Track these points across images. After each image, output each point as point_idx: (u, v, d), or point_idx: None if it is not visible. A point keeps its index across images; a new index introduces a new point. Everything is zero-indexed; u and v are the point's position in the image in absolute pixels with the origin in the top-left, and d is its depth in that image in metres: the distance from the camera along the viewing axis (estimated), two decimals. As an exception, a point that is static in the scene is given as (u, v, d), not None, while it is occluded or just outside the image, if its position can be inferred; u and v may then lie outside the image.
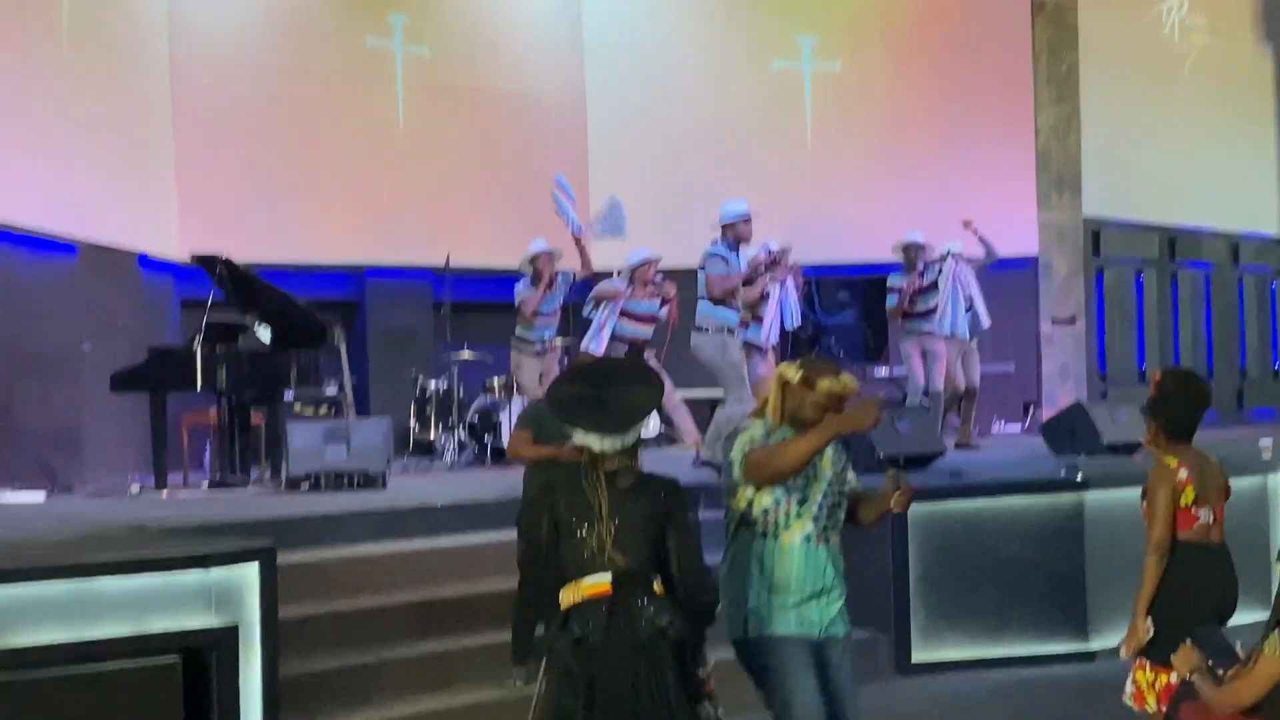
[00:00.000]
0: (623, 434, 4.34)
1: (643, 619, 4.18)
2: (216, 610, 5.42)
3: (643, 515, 4.29)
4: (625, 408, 4.37)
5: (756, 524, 4.58)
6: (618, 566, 4.24)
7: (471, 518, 8.08)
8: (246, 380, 9.91)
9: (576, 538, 4.29)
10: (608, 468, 4.33)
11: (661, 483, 4.44)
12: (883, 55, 15.34)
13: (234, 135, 13.07)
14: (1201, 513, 5.25)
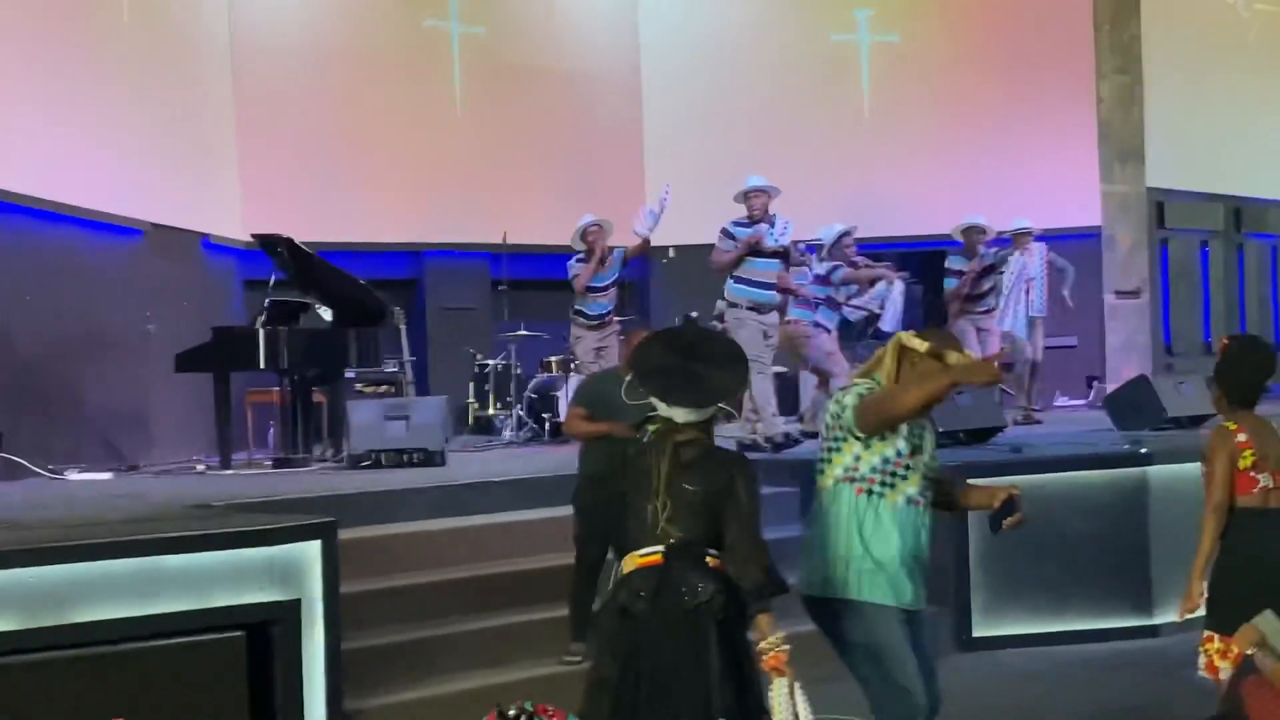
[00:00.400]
0: (704, 410, 4.34)
1: (688, 591, 4.16)
2: (280, 586, 5.48)
3: (703, 490, 4.25)
4: (712, 386, 4.34)
5: (862, 481, 4.46)
6: (671, 539, 4.23)
7: (529, 494, 8.11)
8: (308, 359, 10.00)
9: (638, 508, 4.30)
10: (679, 439, 4.32)
11: (727, 458, 4.40)
12: (941, 26, 15.21)
13: (294, 118, 13.18)
14: (1261, 477, 5.21)
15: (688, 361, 4.36)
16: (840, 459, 4.49)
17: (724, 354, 4.51)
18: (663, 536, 4.24)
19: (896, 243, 14.84)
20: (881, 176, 14.81)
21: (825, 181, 14.80)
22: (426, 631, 6.71)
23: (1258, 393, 5.36)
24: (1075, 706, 6.86)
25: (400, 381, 11.84)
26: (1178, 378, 10.93)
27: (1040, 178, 14.46)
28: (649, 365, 4.46)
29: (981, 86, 15.10)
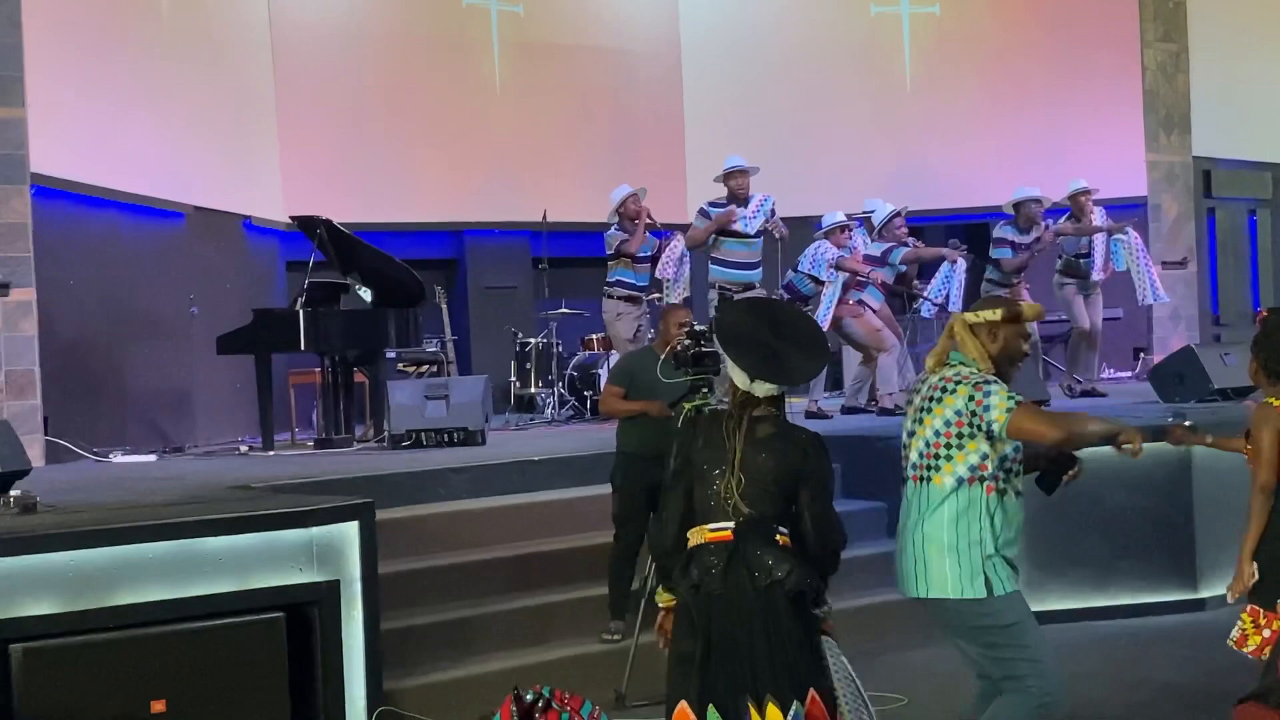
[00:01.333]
0: (784, 387, 4.36)
1: (760, 569, 4.14)
2: (319, 566, 5.53)
3: (776, 467, 4.23)
4: (795, 366, 4.36)
5: (991, 479, 4.40)
6: (742, 515, 4.21)
7: (569, 473, 8.13)
8: (349, 340, 10.04)
9: (708, 481, 4.28)
10: (755, 413, 4.30)
11: (802, 435, 4.35)
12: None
13: (333, 99, 13.22)
14: None
15: (776, 339, 4.33)
16: (962, 457, 4.38)
17: (810, 336, 4.49)
18: (734, 512, 4.22)
19: (940, 215, 14.73)
20: (924, 149, 14.71)
21: (868, 155, 14.71)
22: (465, 611, 6.74)
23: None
24: (1121, 681, 6.82)
25: (441, 361, 11.89)
26: (1224, 349, 10.80)
27: (1085, 147, 14.31)
28: (736, 331, 4.40)
29: (1023, 56, 14.96)
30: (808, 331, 4.49)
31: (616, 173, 13.33)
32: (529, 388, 12.56)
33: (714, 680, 4.13)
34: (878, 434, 9.02)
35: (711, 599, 4.16)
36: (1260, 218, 16.53)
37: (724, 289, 10.02)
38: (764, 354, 4.30)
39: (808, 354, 4.41)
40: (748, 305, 4.76)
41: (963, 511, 4.38)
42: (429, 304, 11.04)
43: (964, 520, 4.38)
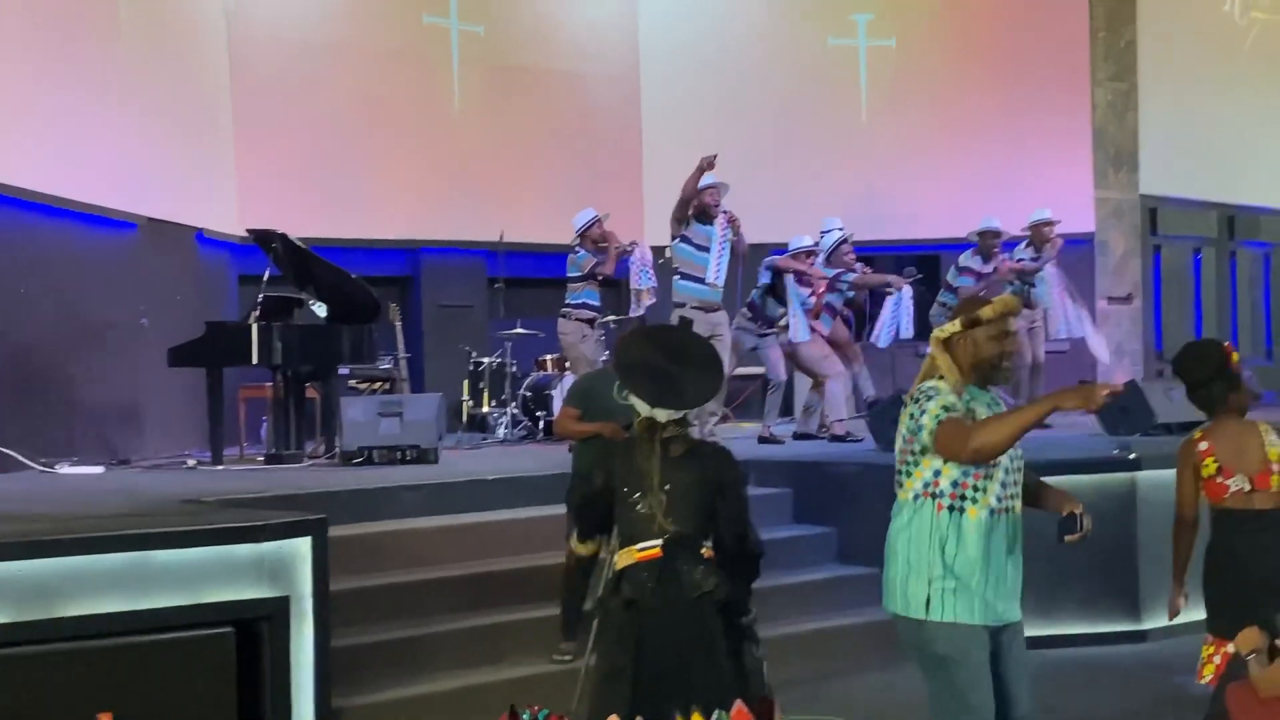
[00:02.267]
0: (686, 411, 4.51)
1: (690, 581, 4.32)
2: (270, 582, 5.49)
3: (694, 482, 4.41)
4: (694, 391, 4.51)
5: (942, 496, 4.28)
6: (668, 533, 4.37)
7: (522, 492, 8.13)
8: (302, 355, 9.99)
9: (631, 504, 4.42)
10: (663, 435, 4.45)
11: (712, 450, 4.59)
12: (937, 31, 15.25)
13: (291, 112, 13.19)
14: (1231, 482, 5.24)
15: (672, 364, 4.49)
16: (919, 473, 4.32)
17: (705, 359, 4.64)
18: (659, 530, 4.38)
19: (892, 246, 14.86)
20: (878, 180, 14.84)
21: (823, 184, 14.83)
22: (416, 629, 6.72)
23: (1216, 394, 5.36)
24: (1064, 711, 6.88)
25: (395, 378, 11.86)
26: (1168, 384, 10.93)
27: (1035, 182, 14.49)
28: (633, 361, 4.57)
29: (977, 92, 15.14)
30: (703, 355, 4.66)
31: (575, 194, 13.37)
32: (482, 407, 12.55)
33: (645, 694, 4.25)
34: (828, 460, 9.08)
35: (645, 613, 4.32)
36: (1205, 256, 16.78)
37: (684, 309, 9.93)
38: (660, 381, 4.46)
39: (704, 376, 4.56)
40: (645, 335, 4.88)
41: (915, 527, 4.33)
42: (383, 321, 11.02)
43: (916, 536, 4.32)
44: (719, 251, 10.02)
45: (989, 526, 4.28)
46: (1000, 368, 4.37)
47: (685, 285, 9.98)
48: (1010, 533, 4.33)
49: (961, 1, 15.24)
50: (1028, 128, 14.94)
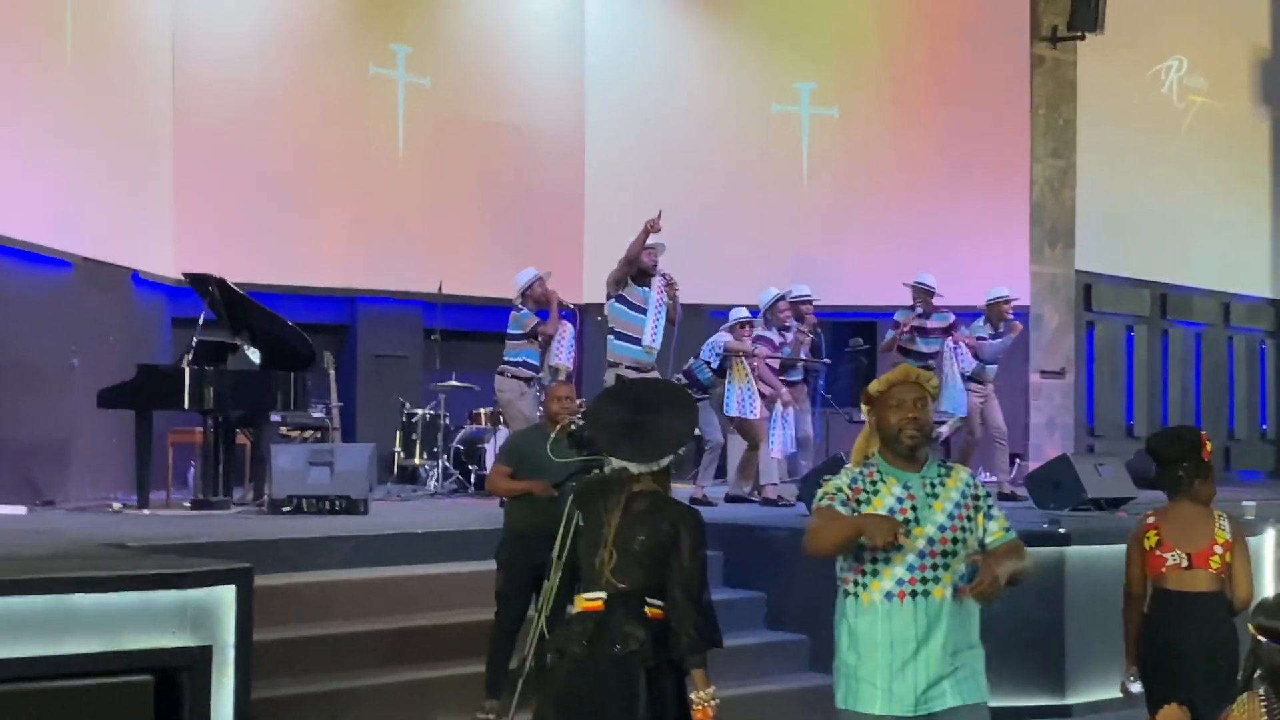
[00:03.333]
0: (656, 460, 4.48)
1: (620, 639, 4.30)
2: (191, 630, 5.40)
3: (650, 541, 4.39)
4: (662, 436, 4.50)
5: (841, 579, 4.21)
6: (614, 588, 4.37)
7: (451, 546, 8.06)
8: (233, 400, 9.92)
9: (589, 553, 4.46)
10: (635, 488, 4.45)
11: (677, 510, 4.52)
12: (880, 102, 15.43)
13: (233, 156, 13.12)
14: (1170, 555, 5.30)
15: (636, 414, 4.52)
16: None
17: (670, 400, 4.64)
18: (607, 584, 4.39)
19: (831, 313, 14.92)
20: (817, 246, 14.95)
21: (763, 249, 14.92)
22: (341, 683, 6.64)
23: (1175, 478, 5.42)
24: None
25: (326, 427, 11.77)
26: (1098, 459, 11.05)
27: (973, 254, 14.65)
28: (599, 421, 4.65)
29: (918, 163, 15.31)
30: (668, 396, 4.69)
31: (515, 249, 13.41)
32: (413, 459, 12.49)
33: None
34: (759, 524, 9.08)
35: (571, 663, 4.34)
36: (1137, 334, 17.01)
37: (619, 369, 9.90)
38: (619, 432, 4.50)
39: (673, 416, 4.55)
40: (608, 393, 4.96)
41: (837, 610, 4.28)
42: (318, 369, 10.96)
43: (836, 620, 4.27)
44: (655, 314, 10.01)
45: (888, 611, 4.10)
46: (899, 439, 4.20)
47: (621, 346, 9.94)
48: (930, 617, 4.10)
49: (904, 74, 15.43)
50: (967, 200, 15.12)
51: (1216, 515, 5.42)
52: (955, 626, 4.15)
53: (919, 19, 15.53)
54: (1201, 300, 17.77)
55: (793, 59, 15.47)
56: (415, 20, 14.29)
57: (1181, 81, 17.39)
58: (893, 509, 4.14)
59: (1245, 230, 18.19)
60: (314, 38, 13.70)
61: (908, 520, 4.12)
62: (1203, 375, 17.95)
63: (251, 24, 13.36)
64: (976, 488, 4.28)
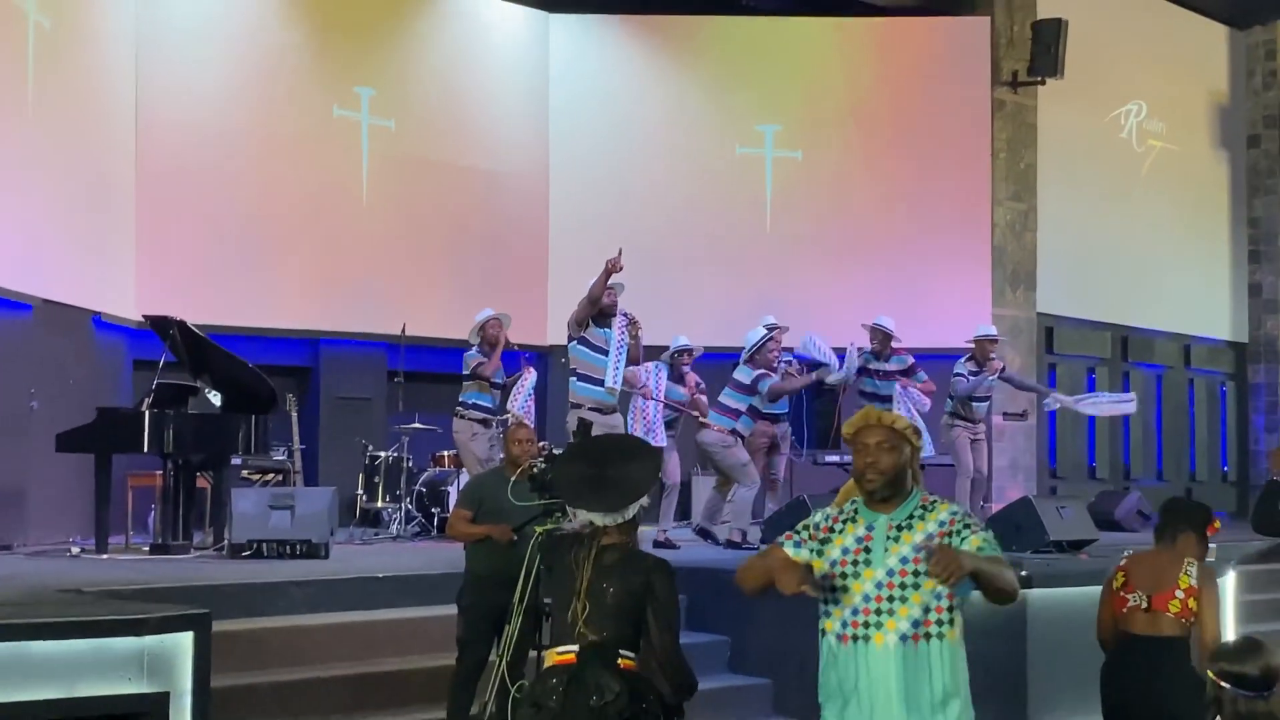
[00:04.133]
0: (622, 511, 4.53)
1: (596, 691, 4.33)
2: (149, 677, 5.35)
3: (622, 592, 4.44)
4: (625, 486, 4.56)
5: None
6: (587, 640, 4.42)
7: (413, 591, 8.02)
8: (194, 444, 9.87)
9: (560, 608, 4.51)
10: (604, 542, 4.51)
11: (647, 561, 4.58)
12: (843, 146, 15.53)
13: (196, 198, 13.08)
14: (1131, 596, 5.37)
15: (599, 468, 4.59)
16: None
17: (631, 451, 4.71)
18: (579, 637, 4.43)
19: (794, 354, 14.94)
20: (780, 288, 14.99)
21: (727, 291, 14.96)
22: (299, 729, 6.58)
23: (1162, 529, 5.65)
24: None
25: (288, 470, 11.70)
26: (1060, 501, 11.09)
27: (936, 298, 14.75)
28: (565, 476, 4.73)
29: (881, 206, 15.41)
30: (629, 448, 4.76)
31: (479, 291, 13.40)
32: (376, 502, 12.43)
33: None
34: (723, 566, 9.05)
35: (548, 717, 4.37)
36: (1099, 375, 17.12)
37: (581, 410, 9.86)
38: (581, 486, 4.58)
39: (634, 465, 4.61)
40: (576, 448, 5.01)
41: None
42: (279, 411, 10.91)
43: None
44: (617, 355, 10.00)
45: (834, 656, 4.09)
46: (860, 483, 4.16)
47: (583, 387, 9.91)
48: (872, 664, 4.01)
49: (867, 117, 15.55)
50: (930, 243, 15.22)
51: (1186, 562, 5.46)
52: (914, 677, 3.99)
53: (882, 62, 15.67)
54: (1162, 343, 17.92)
55: (757, 102, 15.57)
56: (379, 63, 14.32)
57: (1141, 125, 17.58)
58: (847, 549, 4.10)
59: (1205, 273, 18.38)
60: (277, 80, 13.70)
61: (856, 563, 4.07)
62: (1164, 417, 18.08)
63: (214, 66, 13.34)
64: (956, 521, 4.10)
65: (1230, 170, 18.77)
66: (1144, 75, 17.49)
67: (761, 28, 15.79)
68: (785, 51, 15.66)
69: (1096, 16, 16.37)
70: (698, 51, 15.73)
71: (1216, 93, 18.69)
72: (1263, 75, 18.77)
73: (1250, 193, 18.82)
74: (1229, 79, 18.80)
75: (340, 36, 14.10)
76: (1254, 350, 18.77)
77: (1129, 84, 17.35)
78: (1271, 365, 18.65)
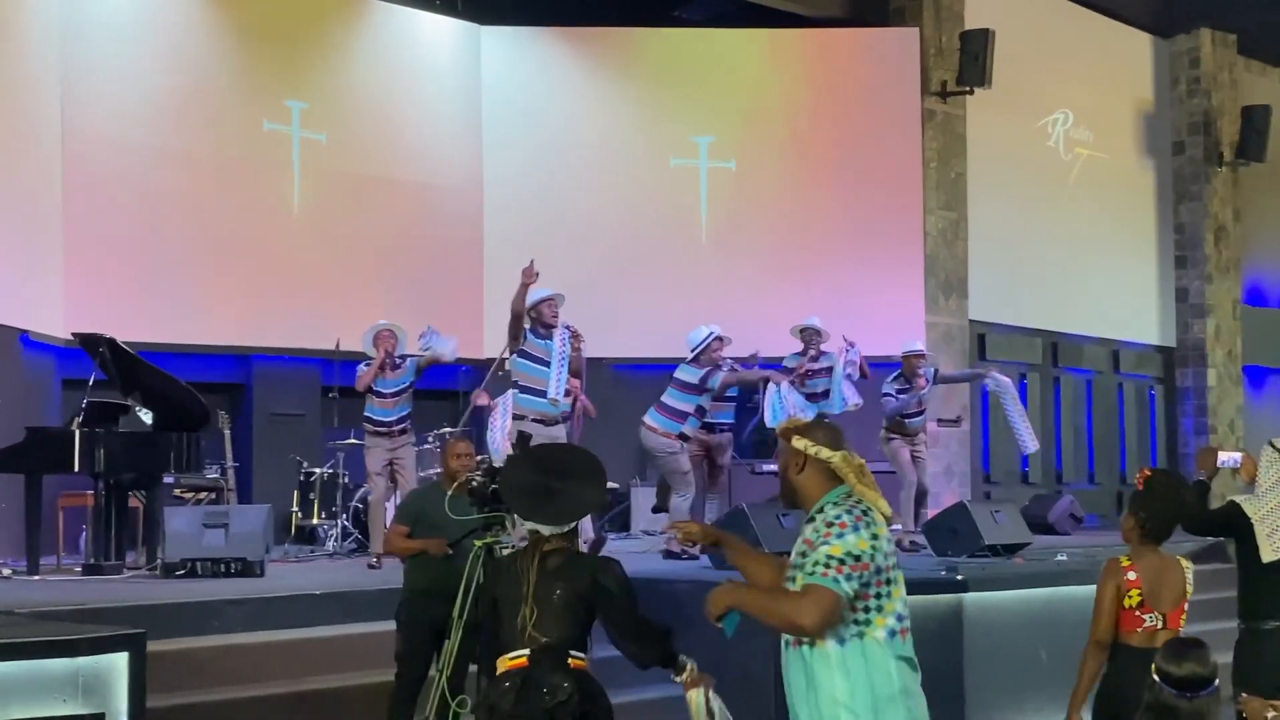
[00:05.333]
0: (569, 524, 4.67)
1: (549, 690, 4.44)
2: (83, 698, 5.31)
3: (569, 594, 4.56)
4: (574, 503, 4.69)
5: None
6: (537, 643, 4.53)
7: (349, 607, 7.99)
8: (125, 463, 9.77)
9: (509, 615, 4.61)
10: (546, 548, 4.63)
11: (589, 561, 4.74)
12: (777, 156, 15.61)
13: (125, 214, 12.94)
14: (1148, 617, 5.19)
15: (549, 479, 4.68)
16: None
17: (583, 469, 4.79)
18: (530, 641, 4.53)
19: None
20: (717, 298, 15.02)
21: (664, 302, 14.97)
22: (236, 749, 6.53)
23: (1169, 528, 5.35)
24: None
25: (222, 488, 11.61)
26: (994, 506, 11.20)
27: (870, 307, 14.84)
28: (513, 484, 4.81)
29: (814, 216, 15.51)
30: (583, 467, 4.80)
31: (414, 305, 13.35)
32: (312, 518, 12.34)
33: None
34: (662, 576, 9.07)
35: (499, 716, 4.49)
36: (1030, 381, 17.30)
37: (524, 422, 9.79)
38: (528, 496, 4.68)
39: (585, 484, 4.73)
40: (524, 456, 5.06)
41: None
42: (212, 429, 10.82)
43: None
44: (559, 366, 9.98)
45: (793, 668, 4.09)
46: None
47: (525, 399, 9.90)
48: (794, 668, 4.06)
49: (800, 128, 15.64)
50: (863, 252, 15.33)
51: (1184, 566, 5.31)
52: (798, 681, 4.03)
53: (813, 73, 15.77)
54: (1091, 348, 18.14)
55: (690, 113, 15.62)
56: (310, 76, 14.24)
57: (1068, 134, 17.80)
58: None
59: (1133, 279, 18.62)
60: (207, 94, 13.58)
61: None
62: (1094, 421, 18.29)
63: (142, 80, 13.21)
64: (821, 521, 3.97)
65: (1156, 177, 19.03)
66: (1071, 84, 17.70)
67: (694, 39, 15.86)
68: (718, 63, 15.73)
69: (1023, 26, 16.57)
70: (631, 63, 15.76)
71: (1142, 101, 18.96)
72: (1187, 83, 19.05)
73: (1176, 199, 19.08)
74: (1154, 87, 19.07)
75: (270, 49, 14.01)
76: (1181, 354, 19.03)
77: (1056, 93, 17.56)
78: (1199, 369, 18.90)
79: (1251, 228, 19.88)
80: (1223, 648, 5.14)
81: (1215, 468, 6.27)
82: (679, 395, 10.82)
